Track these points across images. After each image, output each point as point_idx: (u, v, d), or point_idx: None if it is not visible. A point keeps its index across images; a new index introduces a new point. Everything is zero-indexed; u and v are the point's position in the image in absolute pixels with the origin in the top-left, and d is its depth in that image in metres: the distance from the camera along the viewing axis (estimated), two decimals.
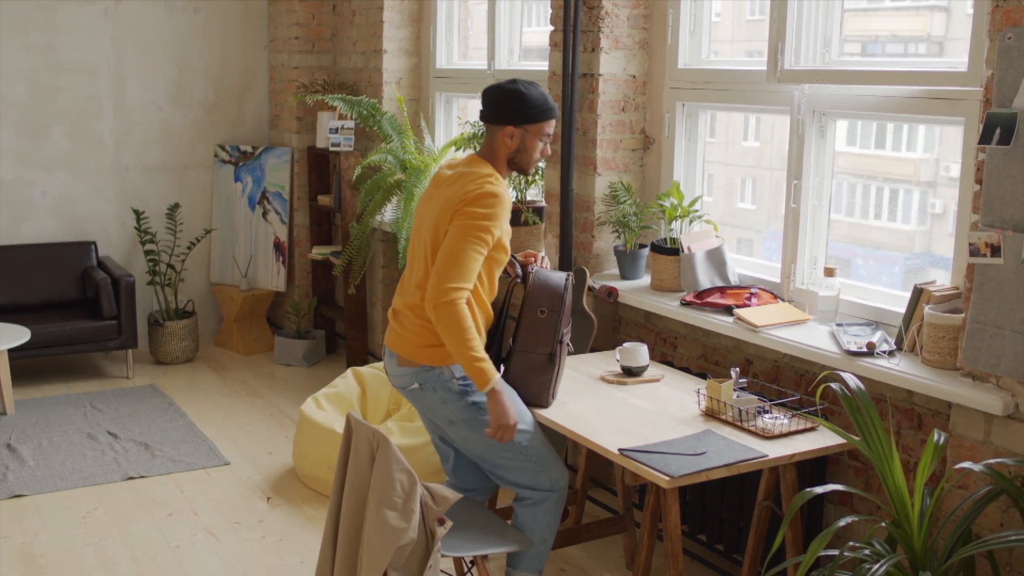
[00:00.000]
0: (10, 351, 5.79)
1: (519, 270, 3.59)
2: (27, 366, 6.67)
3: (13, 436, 5.46)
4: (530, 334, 3.43)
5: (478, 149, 3.53)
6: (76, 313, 6.50)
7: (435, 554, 2.98)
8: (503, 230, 3.34)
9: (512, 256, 3.67)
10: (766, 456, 3.10)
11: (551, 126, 3.43)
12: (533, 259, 3.65)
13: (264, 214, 7.19)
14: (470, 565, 3.72)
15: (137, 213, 6.87)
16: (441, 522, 3.01)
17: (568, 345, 3.52)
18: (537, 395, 3.47)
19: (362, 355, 6.47)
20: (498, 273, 3.46)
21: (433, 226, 3.34)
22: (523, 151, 3.41)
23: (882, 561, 2.60)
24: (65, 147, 6.87)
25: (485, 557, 4.09)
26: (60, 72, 6.79)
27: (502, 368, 3.52)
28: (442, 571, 3.66)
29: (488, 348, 3.58)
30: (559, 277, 3.48)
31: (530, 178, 5.02)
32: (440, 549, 3.02)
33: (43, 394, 6.22)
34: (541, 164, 4.96)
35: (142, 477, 4.99)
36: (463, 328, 3.21)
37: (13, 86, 6.66)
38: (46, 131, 6.80)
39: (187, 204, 7.26)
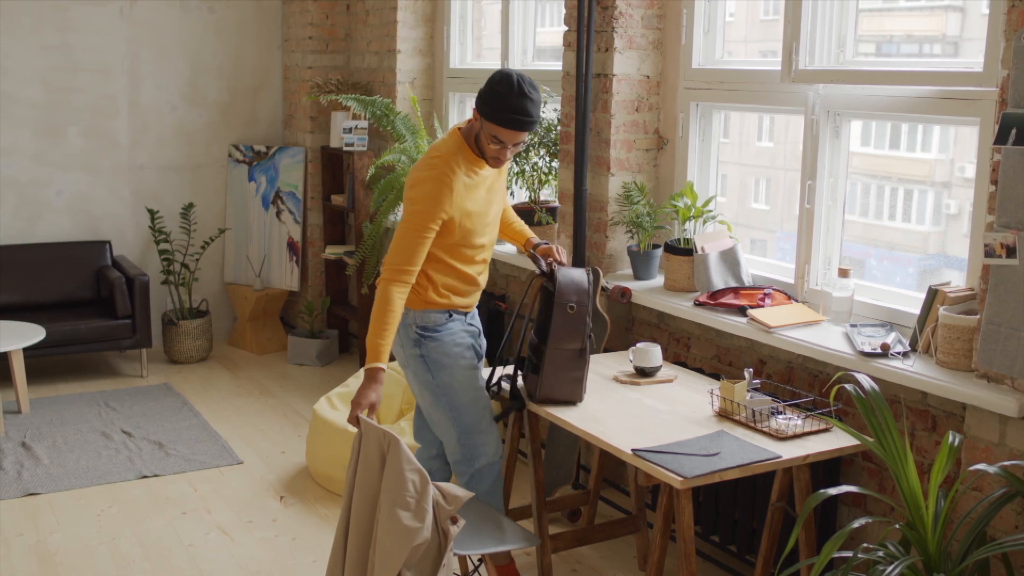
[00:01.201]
0: (25, 350, 5.81)
1: (543, 266, 3.57)
2: (42, 365, 6.70)
3: (28, 434, 5.49)
4: (562, 330, 3.47)
5: None
6: (91, 312, 6.53)
7: (448, 553, 2.99)
8: (453, 210, 3.41)
9: (532, 252, 3.68)
10: (780, 457, 3.09)
11: (501, 133, 3.35)
12: (550, 254, 3.66)
13: (278, 214, 7.21)
14: (477, 564, 3.72)
15: (151, 212, 6.90)
16: (454, 521, 3.02)
17: (591, 339, 3.54)
18: (571, 392, 3.53)
19: None
20: (472, 256, 3.56)
21: None
22: (479, 139, 3.45)
23: (896, 563, 2.59)
24: (80, 147, 6.90)
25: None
26: (75, 72, 6.82)
27: (518, 372, 3.61)
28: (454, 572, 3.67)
29: (492, 345, 3.66)
30: (581, 273, 3.52)
31: (534, 179, 5.03)
32: (452, 548, 3.03)
33: (58, 393, 6.25)
34: (554, 163, 4.96)
35: (156, 476, 5.01)
36: (382, 309, 3.35)
37: (29, 86, 6.69)
38: (61, 131, 6.83)
39: (201, 204, 7.28)
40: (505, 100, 3.30)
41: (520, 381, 3.64)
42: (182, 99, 7.17)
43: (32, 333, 5.83)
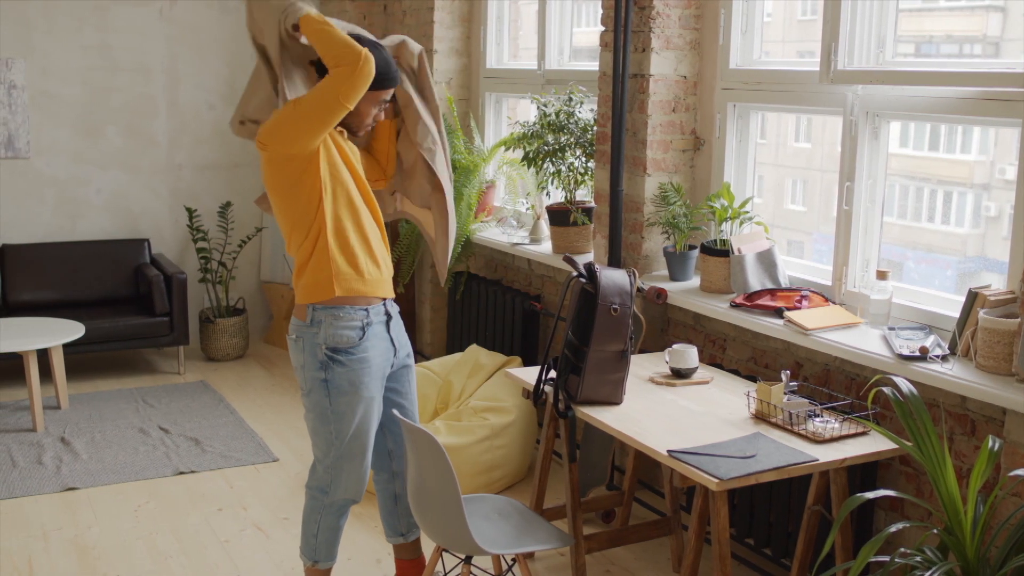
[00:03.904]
0: (64, 346, 5.88)
1: (582, 268, 3.57)
2: (81, 361, 6.78)
3: (67, 430, 5.55)
4: (605, 332, 3.47)
5: None
6: (129, 309, 6.59)
7: None
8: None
9: (568, 256, 3.67)
10: (816, 460, 3.08)
11: (388, 94, 3.41)
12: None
13: None
14: (511, 563, 3.72)
15: (189, 211, 6.96)
16: None
17: (632, 340, 3.54)
18: (611, 394, 3.53)
19: None
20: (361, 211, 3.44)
21: (270, 192, 3.41)
22: (355, 114, 3.37)
23: (934, 569, 2.58)
24: (119, 146, 6.97)
25: (530, 555, 4.11)
26: (115, 72, 6.89)
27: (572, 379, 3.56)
28: (483, 570, 3.68)
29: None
30: (622, 274, 3.52)
31: (570, 180, 5.01)
32: None
33: (96, 389, 6.32)
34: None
35: (192, 472, 5.05)
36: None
37: (69, 85, 6.77)
38: (101, 130, 6.91)
39: (238, 202, 7.33)
40: (384, 64, 3.32)
41: (556, 383, 3.62)
42: (220, 98, 7.23)
43: (71, 330, 5.89)
